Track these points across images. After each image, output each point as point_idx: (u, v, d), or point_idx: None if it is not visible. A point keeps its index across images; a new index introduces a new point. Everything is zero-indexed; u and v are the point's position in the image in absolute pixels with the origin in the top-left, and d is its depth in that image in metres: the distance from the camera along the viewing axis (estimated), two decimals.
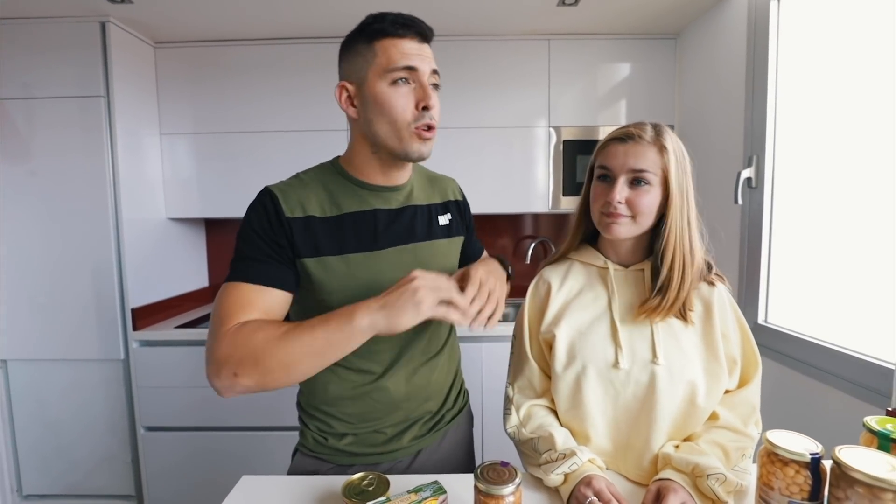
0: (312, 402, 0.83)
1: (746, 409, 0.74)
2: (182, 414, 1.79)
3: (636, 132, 0.73)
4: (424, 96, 0.72)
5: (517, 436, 0.79)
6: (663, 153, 0.72)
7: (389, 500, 0.61)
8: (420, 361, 0.83)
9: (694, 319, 0.74)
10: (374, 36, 0.72)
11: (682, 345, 0.73)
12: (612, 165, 0.74)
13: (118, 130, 1.69)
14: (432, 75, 0.74)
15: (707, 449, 0.69)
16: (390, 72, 0.70)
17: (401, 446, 0.82)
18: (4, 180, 1.70)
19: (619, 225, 0.73)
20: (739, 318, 0.77)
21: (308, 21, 1.74)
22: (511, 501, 0.56)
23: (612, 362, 0.73)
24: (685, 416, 0.72)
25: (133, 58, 1.78)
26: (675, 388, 0.71)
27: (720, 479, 0.63)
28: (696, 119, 1.80)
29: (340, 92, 0.75)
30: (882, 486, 0.47)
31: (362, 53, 0.72)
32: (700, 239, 0.77)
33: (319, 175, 0.79)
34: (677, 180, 0.73)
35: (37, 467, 1.85)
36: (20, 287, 1.73)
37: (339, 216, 0.76)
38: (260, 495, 0.72)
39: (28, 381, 1.81)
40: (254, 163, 1.95)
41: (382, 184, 0.80)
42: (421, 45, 0.74)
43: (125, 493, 1.85)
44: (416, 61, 0.71)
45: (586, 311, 0.79)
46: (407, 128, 0.72)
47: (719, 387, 0.72)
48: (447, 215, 0.90)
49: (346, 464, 0.81)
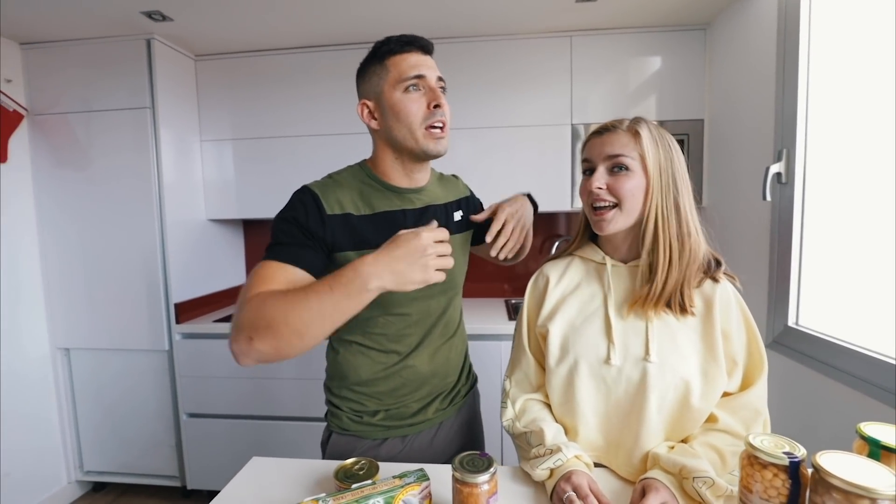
0: (345, 384, 0.91)
1: (748, 414, 0.71)
2: (220, 402, 1.92)
3: (611, 124, 0.76)
4: (434, 97, 0.82)
5: (511, 429, 0.80)
6: (637, 138, 0.73)
7: (374, 483, 0.64)
8: (440, 342, 0.94)
9: (694, 316, 0.73)
10: (384, 56, 0.82)
11: (678, 343, 0.72)
12: (591, 156, 0.77)
13: (162, 138, 1.83)
14: (438, 81, 0.84)
15: (701, 451, 0.68)
16: (402, 81, 0.81)
17: (426, 418, 0.92)
18: (68, 187, 1.89)
19: (606, 219, 0.74)
20: (747, 316, 0.74)
21: (334, 29, 1.82)
22: (486, 489, 0.59)
23: (604, 358, 0.73)
24: (679, 416, 0.71)
25: (175, 70, 1.92)
26: (668, 386, 0.70)
27: (707, 483, 0.62)
28: (726, 113, 1.72)
29: (362, 109, 0.86)
30: (858, 492, 0.46)
31: (377, 72, 0.83)
32: (697, 228, 0.75)
33: (351, 176, 0.88)
34: (655, 164, 0.73)
35: (95, 447, 2.04)
36: (81, 283, 1.92)
37: (372, 214, 0.84)
38: (267, 475, 0.78)
39: (88, 369, 2.00)
40: (288, 166, 2.05)
41: (406, 186, 0.88)
42: (424, 56, 0.84)
43: (170, 473, 2.01)
44: (424, 70, 0.82)
45: (582, 307, 0.79)
46: (421, 127, 0.81)
47: (716, 388, 0.70)
48: (459, 211, 0.99)
49: (380, 437, 0.90)
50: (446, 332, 0.95)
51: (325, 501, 0.60)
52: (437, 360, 0.92)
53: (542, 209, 2.11)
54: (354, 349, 0.89)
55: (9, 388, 1.81)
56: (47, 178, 1.90)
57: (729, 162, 1.71)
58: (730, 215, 1.69)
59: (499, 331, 1.77)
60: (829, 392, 1.17)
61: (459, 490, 0.59)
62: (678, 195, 0.74)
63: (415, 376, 0.90)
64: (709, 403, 0.71)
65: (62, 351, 1.99)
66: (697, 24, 1.82)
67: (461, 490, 0.59)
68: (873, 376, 1.05)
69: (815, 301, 1.32)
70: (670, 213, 0.73)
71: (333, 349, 0.93)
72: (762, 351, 0.73)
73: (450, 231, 0.89)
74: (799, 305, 1.35)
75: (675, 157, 0.75)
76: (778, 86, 1.38)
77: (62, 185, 1.89)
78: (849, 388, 1.10)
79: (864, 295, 1.19)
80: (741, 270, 1.60)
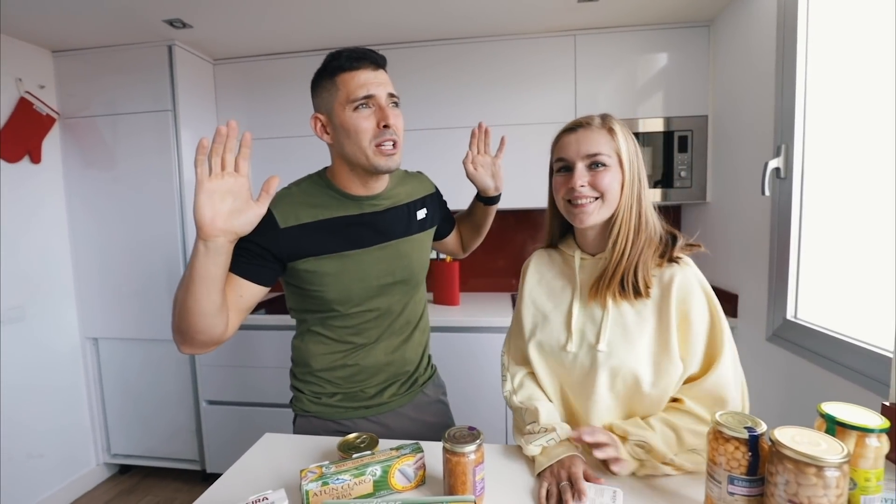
0: (307, 370, 0.96)
1: (709, 398, 0.72)
2: (238, 390, 2.01)
3: (584, 121, 0.78)
4: (383, 116, 0.82)
5: (509, 401, 0.87)
6: (613, 135, 0.76)
7: (373, 453, 0.71)
8: (400, 337, 0.98)
9: (648, 305, 0.76)
10: (334, 72, 0.83)
11: (630, 333, 0.75)
12: (567, 155, 0.78)
13: (183, 139, 1.93)
14: (389, 98, 0.85)
15: (658, 426, 0.72)
16: (351, 102, 0.81)
17: (381, 402, 0.97)
18: (96, 186, 2.00)
19: (587, 212, 0.76)
20: (710, 300, 0.75)
21: (344, 32, 1.89)
22: (472, 459, 0.64)
23: (563, 345, 0.80)
24: (631, 399, 0.76)
25: (195, 74, 2.02)
26: (616, 373, 0.75)
27: (644, 447, 0.70)
28: (728, 109, 1.74)
29: (315, 122, 0.88)
30: (806, 461, 0.50)
31: (327, 88, 0.84)
32: (651, 213, 0.79)
33: (310, 186, 0.91)
34: (629, 160, 0.77)
35: (122, 431, 2.17)
36: (108, 277, 2.04)
37: (329, 220, 0.88)
38: (277, 449, 0.85)
39: (115, 357, 2.12)
40: (302, 165, 2.07)
41: (364, 194, 0.91)
42: (375, 72, 0.84)
43: (191, 457, 2.11)
44: (373, 89, 0.82)
45: (552, 295, 0.86)
46: (370, 146, 0.83)
47: (668, 376, 0.73)
48: (424, 209, 1.02)
49: (339, 418, 0.95)
50: (406, 327, 0.99)
51: (328, 468, 0.67)
52: (395, 353, 0.97)
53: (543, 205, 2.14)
54: (316, 338, 0.94)
55: (42, 375, 1.94)
56: (77, 178, 2.02)
57: (731, 157, 1.72)
58: (732, 210, 1.71)
59: (506, 324, 1.82)
60: (827, 384, 1.18)
61: (449, 459, 0.65)
62: (641, 186, 0.78)
63: (371, 365, 0.94)
64: (662, 389, 0.74)
65: (91, 340, 2.12)
66: (701, 20, 1.84)
67: (450, 459, 0.65)
68: (870, 369, 1.06)
69: (813, 294, 1.34)
70: (634, 203, 0.77)
71: (298, 337, 0.98)
72: (723, 334, 0.74)
73: (411, 231, 0.97)
74: (798, 299, 1.37)
75: (637, 149, 0.79)
76: (777, 82, 1.39)
77: (91, 185, 2.01)
78: (846, 381, 1.12)
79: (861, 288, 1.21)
80: (743, 265, 1.63)
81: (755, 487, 0.57)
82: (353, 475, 0.66)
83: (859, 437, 0.55)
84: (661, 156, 1.90)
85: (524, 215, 2.32)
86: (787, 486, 0.52)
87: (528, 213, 2.31)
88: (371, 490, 0.68)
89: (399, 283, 0.95)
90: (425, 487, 0.71)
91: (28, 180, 1.88)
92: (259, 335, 1.96)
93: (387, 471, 0.68)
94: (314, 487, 0.64)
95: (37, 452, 1.90)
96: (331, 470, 0.66)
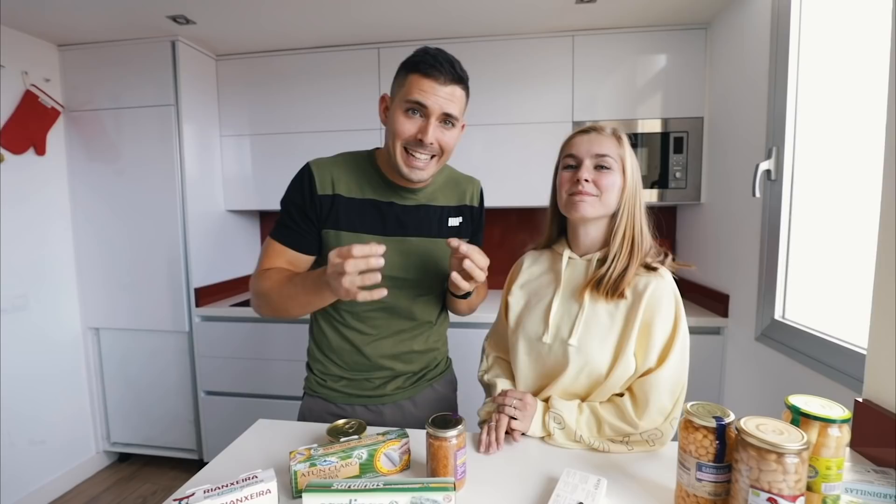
0: (319, 347, 1.01)
1: (642, 399, 0.78)
2: (236, 381, 2.05)
3: (598, 126, 0.86)
4: (423, 130, 0.83)
5: (480, 379, 0.99)
6: (620, 143, 0.84)
7: (360, 438, 0.73)
8: (405, 334, 0.99)
9: (621, 307, 0.82)
10: (410, 68, 0.84)
11: (600, 331, 0.82)
12: (577, 152, 0.84)
13: (185, 134, 1.96)
14: (444, 117, 0.84)
15: (585, 409, 0.81)
16: (405, 101, 0.83)
17: (385, 393, 0.99)
18: (99, 178, 2.04)
19: (585, 203, 0.82)
20: (678, 311, 0.80)
21: (345, 30, 1.91)
22: (454, 444, 0.67)
23: (540, 336, 0.86)
24: (591, 387, 0.83)
25: (198, 70, 2.05)
26: (582, 365, 0.82)
27: (559, 422, 0.80)
28: (723, 111, 1.76)
29: (381, 102, 0.92)
30: (768, 448, 0.53)
31: (400, 79, 0.86)
32: (646, 227, 0.85)
33: (355, 161, 0.95)
34: (632, 169, 0.84)
35: (121, 420, 2.21)
36: (110, 268, 2.08)
37: (360, 199, 0.92)
38: (269, 434, 0.88)
39: (115, 347, 2.16)
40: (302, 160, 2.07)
41: (401, 183, 0.92)
42: (444, 86, 0.82)
43: (188, 447, 2.15)
44: (429, 100, 0.82)
45: (537, 290, 0.92)
46: (400, 148, 0.85)
47: (624, 371, 0.80)
48: (459, 218, 1.00)
49: (343, 403, 0.99)
50: (415, 326, 0.99)
51: (317, 450, 0.70)
52: (400, 348, 0.98)
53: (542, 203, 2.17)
54: (329, 319, 0.98)
55: (45, 363, 1.98)
56: (81, 170, 2.05)
57: (724, 159, 1.74)
58: (725, 212, 1.73)
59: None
60: (811, 382, 1.21)
61: (431, 444, 0.68)
62: (638, 198, 0.85)
63: (375, 356, 0.97)
64: (613, 383, 0.81)
65: (92, 330, 2.15)
66: (698, 23, 1.85)
67: (433, 444, 0.67)
68: (851, 368, 1.09)
69: (801, 295, 1.36)
70: (636, 213, 0.84)
71: (314, 314, 1.02)
72: (674, 347, 0.78)
73: (440, 235, 0.97)
74: (786, 299, 1.39)
75: (637, 165, 0.86)
76: (770, 85, 1.41)
77: (94, 177, 2.04)
78: (829, 379, 1.14)
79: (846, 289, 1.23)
80: (734, 265, 1.65)
81: (722, 474, 0.59)
82: (339, 457, 0.69)
83: (822, 427, 0.58)
84: (657, 157, 1.92)
85: (522, 214, 2.34)
86: (749, 472, 0.54)
87: (524, 211, 2.34)
88: (357, 472, 0.70)
89: (409, 281, 0.95)
90: (409, 471, 0.74)
91: (32, 172, 1.92)
92: (258, 327, 1.99)
93: (372, 454, 0.71)
94: (302, 468, 0.67)
95: (38, 439, 1.94)
96: (318, 452, 0.69)
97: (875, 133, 1.11)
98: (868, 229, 1.13)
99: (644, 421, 0.77)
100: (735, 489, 0.57)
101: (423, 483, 0.60)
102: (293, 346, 1.96)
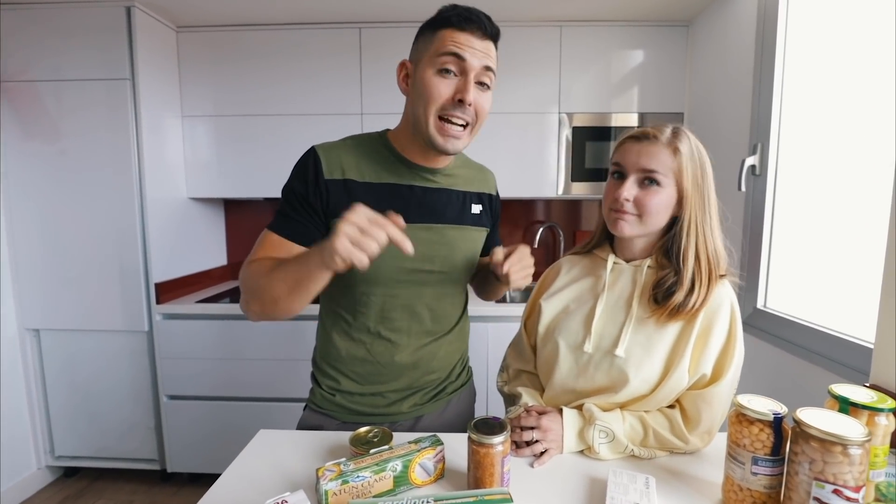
0: (327, 359, 0.89)
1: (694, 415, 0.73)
2: (202, 383, 1.89)
3: (652, 132, 0.75)
4: (464, 88, 0.74)
5: (501, 389, 0.92)
6: (676, 155, 0.73)
7: (392, 448, 0.67)
8: (428, 337, 0.89)
9: None
10: (439, 25, 0.76)
11: (651, 342, 0.74)
12: (624, 163, 0.76)
13: (142, 112, 1.76)
14: (483, 72, 0.75)
15: (630, 419, 0.75)
16: (439, 56, 0.73)
17: (400, 411, 0.88)
18: (37, 159, 1.79)
19: (625, 222, 0.76)
20: (734, 321, 0.75)
21: (325, 6, 1.78)
22: (500, 450, 0.63)
23: (580, 343, 0.79)
24: (632, 400, 0.76)
25: (156, 42, 1.85)
26: (631, 380, 0.74)
27: (608, 435, 0.73)
28: (704, 107, 1.81)
29: (400, 69, 0.81)
30: (833, 440, 0.52)
31: (427, 37, 0.77)
32: (722, 248, 0.78)
33: (366, 143, 0.84)
34: (693, 182, 0.74)
35: (68, 431, 1.98)
36: (52, 261, 1.84)
37: (376, 184, 0.81)
38: (275, 447, 0.80)
39: (59, 350, 1.93)
40: (272, 145, 2.00)
41: (422, 164, 0.83)
42: (482, 40, 0.75)
43: (149, 457, 1.97)
44: (466, 52, 0.73)
45: (578, 295, 0.85)
46: (434, 115, 0.75)
47: (676, 387, 0.73)
48: (480, 206, 0.93)
49: (350, 421, 0.87)
50: (437, 325, 0.89)
51: (347, 465, 0.63)
52: (420, 355, 0.87)
53: (528, 195, 2.19)
54: (340, 323, 0.87)
55: None
56: (15, 149, 1.80)
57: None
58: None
59: (509, 312, 1.83)
60: (792, 368, 1.27)
61: (476, 451, 0.63)
62: (713, 212, 0.77)
63: (393, 364, 0.86)
64: (667, 397, 0.74)
65: (31, 332, 1.91)
66: (680, 20, 1.89)
67: (478, 451, 0.63)
68: (832, 352, 1.15)
69: (783, 285, 1.42)
70: (706, 231, 0.75)
71: (322, 320, 0.91)
72: (731, 360, 0.73)
73: (464, 221, 0.88)
74: (767, 289, 1.45)
75: (708, 170, 0.76)
76: (755, 83, 1.46)
77: (31, 158, 1.79)
78: (810, 364, 1.21)
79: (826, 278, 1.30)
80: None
81: (777, 467, 0.59)
82: (373, 472, 0.63)
83: (870, 416, 0.59)
84: None
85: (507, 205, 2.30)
86: (812, 464, 0.54)
87: (518, 202, 2.32)
88: (391, 486, 0.65)
89: (435, 275, 0.86)
90: (445, 481, 0.69)
91: None
92: (229, 324, 1.84)
93: (407, 465, 0.65)
94: (334, 487, 0.60)
95: None
96: (349, 467, 0.63)
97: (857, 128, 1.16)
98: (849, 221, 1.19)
99: (694, 437, 0.73)
100: (794, 482, 0.56)
101: (478, 496, 0.56)
102: (268, 345, 1.83)
